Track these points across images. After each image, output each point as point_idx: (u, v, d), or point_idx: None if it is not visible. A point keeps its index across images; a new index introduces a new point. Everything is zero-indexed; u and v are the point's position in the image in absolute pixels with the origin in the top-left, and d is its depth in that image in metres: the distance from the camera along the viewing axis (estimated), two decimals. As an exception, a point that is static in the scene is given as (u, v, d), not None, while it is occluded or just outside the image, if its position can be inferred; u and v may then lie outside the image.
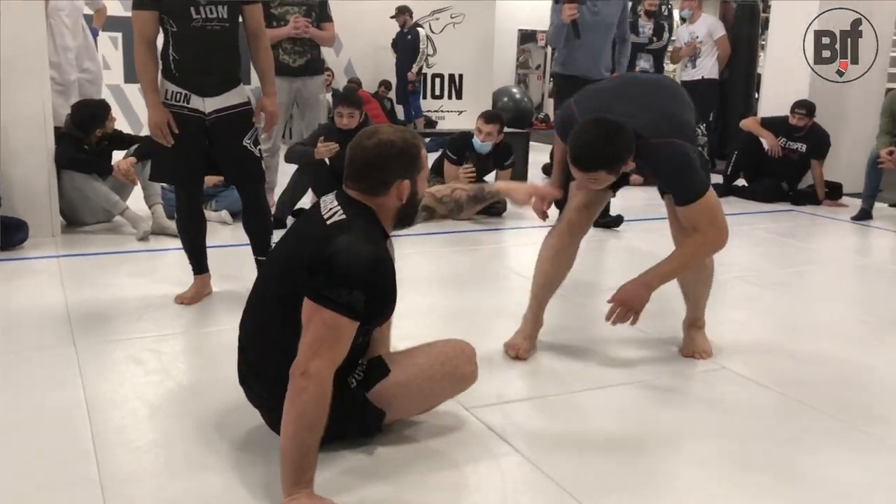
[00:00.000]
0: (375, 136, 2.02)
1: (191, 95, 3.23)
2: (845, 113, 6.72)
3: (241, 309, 2.17)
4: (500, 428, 2.30)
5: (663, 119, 2.58)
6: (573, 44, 4.91)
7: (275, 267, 2.12)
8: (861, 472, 2.14)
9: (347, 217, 1.96)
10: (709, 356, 2.95)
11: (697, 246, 2.63)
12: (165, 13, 3.17)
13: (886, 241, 5.28)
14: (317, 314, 1.85)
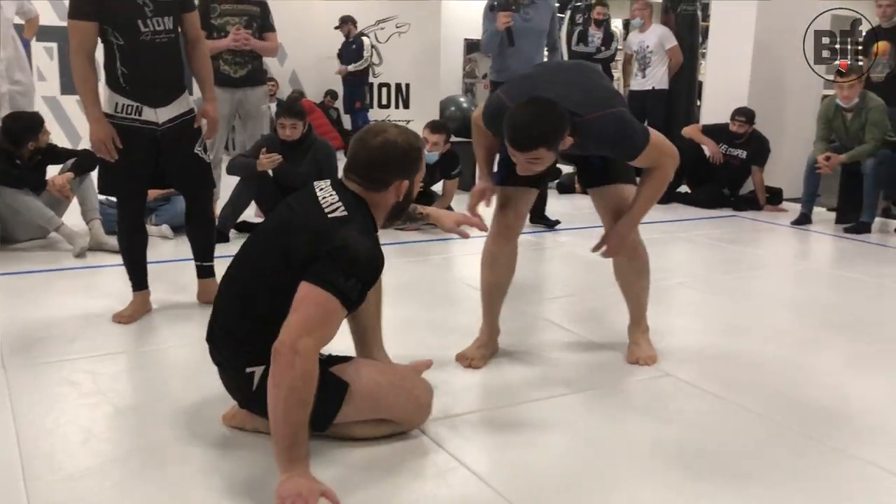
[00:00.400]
0: (382, 134, 2.14)
1: (143, 107, 3.20)
2: (784, 120, 6.88)
3: (182, 325, 2.13)
4: (446, 442, 2.27)
5: (590, 92, 2.65)
6: (507, 51, 5.05)
7: (271, 250, 2.12)
8: (804, 476, 2.16)
9: (349, 213, 2.07)
10: (654, 362, 2.97)
11: (660, 177, 2.73)
12: (110, 25, 3.10)
13: (824, 245, 5.41)
14: (312, 295, 1.95)
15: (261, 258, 2.16)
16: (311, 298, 1.95)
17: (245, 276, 2.20)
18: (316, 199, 2.13)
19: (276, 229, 2.20)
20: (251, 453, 2.19)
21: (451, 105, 12.07)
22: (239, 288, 2.20)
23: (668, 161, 2.71)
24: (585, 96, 2.62)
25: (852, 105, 5.52)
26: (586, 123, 2.56)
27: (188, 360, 2.91)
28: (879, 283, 4.25)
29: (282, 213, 2.24)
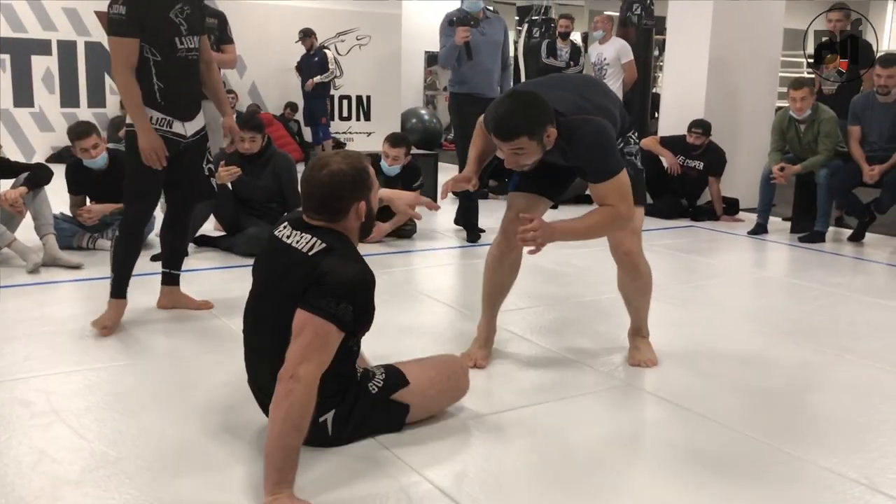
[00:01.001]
0: (327, 167, 2.20)
1: (174, 121, 3.37)
2: (739, 132, 7.00)
3: (137, 342, 2.08)
4: (409, 457, 2.26)
5: (582, 99, 2.71)
6: (466, 63, 5.18)
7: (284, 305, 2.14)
8: (764, 484, 2.19)
9: (327, 244, 2.15)
10: (653, 365, 3.06)
11: (608, 214, 2.69)
12: (149, 43, 3.24)
13: (780, 254, 5.51)
14: (309, 323, 2.05)
15: (278, 317, 2.14)
16: (309, 327, 2.04)
17: (276, 340, 2.13)
18: (287, 246, 2.20)
19: (270, 288, 2.24)
20: (212, 475, 2.16)
21: (413, 117, 12.11)
22: (274, 352, 2.14)
23: (623, 206, 2.66)
24: (577, 100, 2.69)
25: (805, 117, 5.64)
26: (568, 122, 2.61)
27: (144, 378, 2.86)
28: (833, 292, 4.34)
29: (264, 272, 2.30)
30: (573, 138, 2.63)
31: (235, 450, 2.30)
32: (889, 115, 5.42)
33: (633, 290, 3.08)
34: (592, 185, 2.71)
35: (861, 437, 2.49)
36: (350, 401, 2.27)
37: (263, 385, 2.27)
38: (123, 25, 3.20)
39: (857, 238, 5.75)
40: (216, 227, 5.21)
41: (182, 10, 3.33)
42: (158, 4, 3.26)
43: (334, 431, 2.26)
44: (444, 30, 5.28)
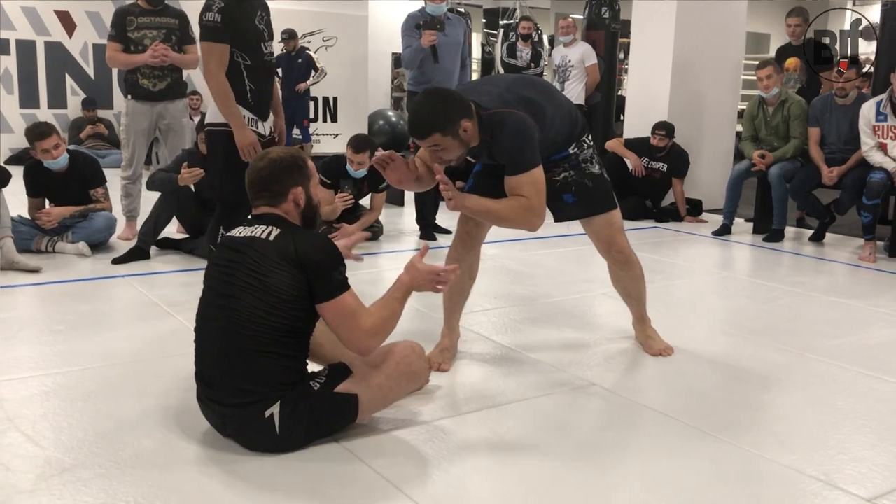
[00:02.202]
0: (266, 156, 2.38)
1: (258, 121, 3.64)
2: (702, 134, 7.08)
3: (100, 347, 2.04)
4: (372, 460, 2.24)
5: (507, 93, 2.72)
6: (431, 65, 5.24)
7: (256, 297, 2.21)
8: (724, 481, 2.21)
9: (282, 228, 2.28)
10: (671, 352, 3.22)
11: (521, 204, 2.67)
12: (240, 48, 3.50)
13: (743, 254, 5.57)
14: (339, 307, 2.24)
15: (250, 311, 2.20)
16: (341, 309, 2.24)
17: (242, 330, 2.21)
18: (245, 238, 2.29)
19: (230, 282, 2.25)
20: (169, 480, 2.13)
21: (380, 119, 12.06)
22: (239, 342, 2.21)
23: (536, 201, 2.67)
24: (502, 94, 2.69)
25: (772, 96, 5.73)
26: (490, 116, 2.63)
27: (103, 383, 2.81)
28: (795, 291, 4.40)
29: (226, 270, 2.29)
30: (494, 130, 2.65)
31: (190, 454, 2.26)
32: (847, 117, 5.51)
33: (630, 281, 3.18)
34: (507, 177, 2.69)
35: (820, 435, 2.53)
36: (294, 396, 2.23)
37: (212, 378, 2.27)
38: (218, 32, 3.44)
39: (818, 238, 5.84)
40: (179, 229, 5.15)
41: (262, 17, 3.59)
42: (247, 12, 3.51)
43: (281, 427, 2.21)
44: (408, 31, 5.32)
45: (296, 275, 2.21)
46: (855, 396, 2.86)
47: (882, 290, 4.52)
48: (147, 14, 5.03)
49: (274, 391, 2.21)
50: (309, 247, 2.24)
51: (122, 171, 5.27)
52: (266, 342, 2.20)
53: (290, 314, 2.22)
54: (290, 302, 2.21)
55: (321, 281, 2.22)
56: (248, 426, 2.24)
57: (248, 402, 2.21)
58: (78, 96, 10.10)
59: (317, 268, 2.22)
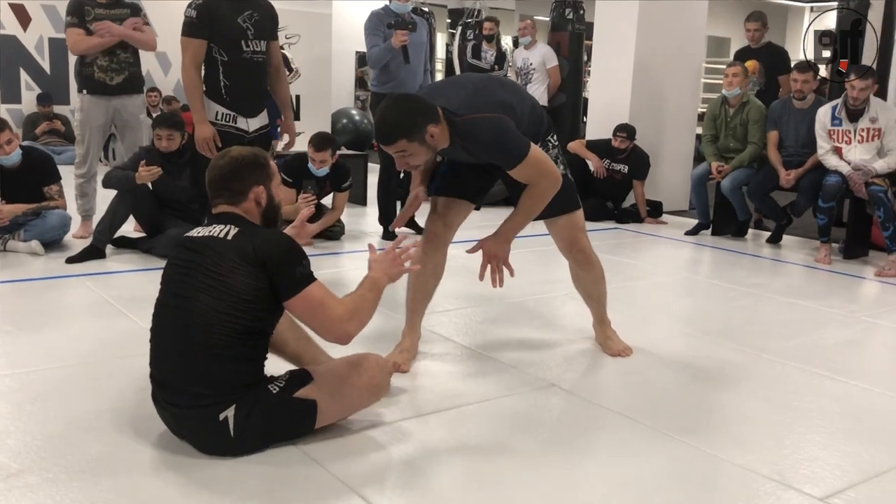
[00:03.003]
0: (227, 154, 2.36)
1: (238, 117, 3.70)
2: (663, 136, 7.15)
3: (51, 347, 1.98)
4: (329, 464, 2.22)
5: (476, 95, 2.72)
6: (401, 66, 5.25)
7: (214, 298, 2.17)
8: (682, 482, 2.22)
9: (240, 227, 2.24)
10: (630, 352, 3.24)
11: (538, 195, 2.77)
12: (218, 44, 3.58)
13: (702, 256, 5.64)
14: (305, 298, 2.20)
15: (208, 312, 2.17)
16: (309, 302, 2.21)
17: (199, 331, 2.17)
18: (203, 238, 2.25)
19: (187, 283, 2.22)
20: (120, 484, 2.08)
21: (343, 117, 12.00)
22: (194, 344, 2.18)
23: (546, 181, 2.74)
24: (469, 99, 2.69)
25: (734, 96, 5.81)
26: (462, 122, 2.63)
27: (53, 385, 2.74)
28: (752, 292, 4.46)
29: (183, 270, 2.26)
30: (472, 139, 2.66)
31: (144, 458, 2.22)
32: (805, 120, 5.60)
33: (591, 281, 3.21)
34: (511, 172, 2.73)
35: (775, 435, 2.56)
36: (250, 399, 2.19)
37: (168, 380, 2.24)
38: (193, 27, 3.55)
39: (775, 240, 5.93)
40: (136, 228, 5.05)
41: (251, 16, 3.63)
42: (227, 10, 3.55)
43: (236, 431, 2.17)
44: (373, 30, 5.29)
45: (256, 274, 2.17)
46: (809, 396, 2.90)
47: (836, 291, 4.60)
48: (101, 6, 4.94)
49: (229, 394, 2.18)
50: (268, 245, 2.20)
51: (76, 168, 5.16)
52: (223, 344, 2.16)
53: (250, 314, 2.19)
54: (250, 302, 2.18)
55: (284, 277, 2.19)
56: (203, 429, 2.20)
57: (202, 405, 2.17)
58: (33, 91, 9.89)
59: (278, 265, 2.19)
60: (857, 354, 3.54)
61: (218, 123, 3.69)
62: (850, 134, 5.24)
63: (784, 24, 17.41)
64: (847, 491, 2.19)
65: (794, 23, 17.74)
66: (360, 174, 7.33)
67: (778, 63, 6.65)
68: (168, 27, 10.01)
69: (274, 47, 3.83)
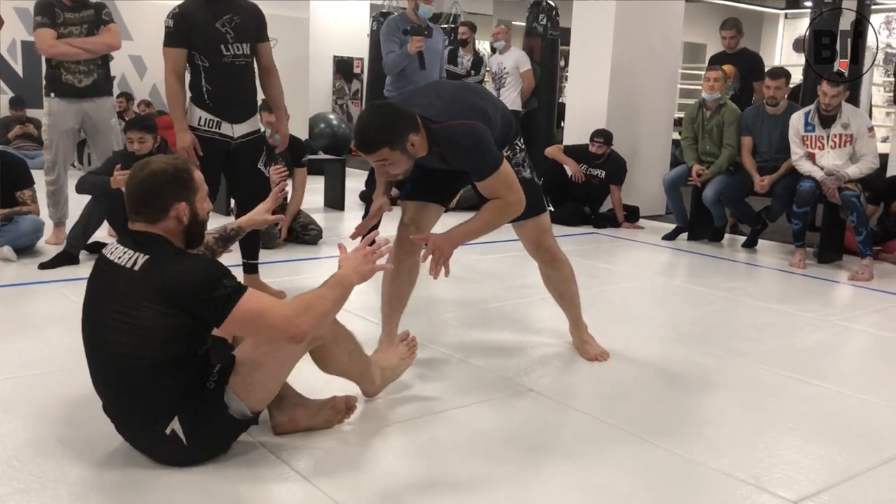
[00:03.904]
0: (147, 167, 2.18)
1: (221, 122, 3.69)
2: (639, 141, 7.20)
3: (24, 355, 1.95)
4: (304, 469, 2.21)
5: (453, 102, 2.75)
6: (417, 72, 5.21)
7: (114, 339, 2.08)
8: (656, 486, 2.23)
9: (150, 255, 2.06)
10: (607, 357, 3.25)
11: (499, 207, 2.76)
12: (197, 50, 3.60)
13: (678, 260, 5.67)
14: (237, 317, 2.03)
15: (118, 349, 2.09)
16: (242, 319, 2.04)
17: (114, 366, 2.11)
18: (112, 264, 2.12)
19: (95, 316, 2.16)
20: (98, 497, 2.05)
21: (321, 122, 11.96)
22: (114, 378, 2.14)
23: (512, 196, 2.75)
24: (445, 106, 2.71)
25: (712, 100, 5.87)
26: (439, 130, 2.65)
27: (25, 393, 2.70)
28: (727, 297, 4.49)
29: (93, 300, 2.19)
30: (448, 145, 2.68)
31: (118, 468, 2.19)
32: (778, 126, 5.66)
33: (561, 281, 3.23)
34: (478, 183, 2.75)
35: (750, 438, 2.58)
36: (192, 407, 2.12)
37: (107, 405, 2.23)
38: (171, 37, 3.59)
39: (751, 245, 5.99)
40: (110, 232, 5.00)
41: (231, 20, 3.65)
42: (205, 16, 3.58)
43: (188, 440, 2.11)
44: (390, 36, 5.29)
45: (167, 311, 2.02)
46: (783, 400, 2.93)
47: (811, 295, 4.65)
48: (70, 10, 4.87)
49: (168, 409, 2.10)
50: (178, 278, 2.03)
51: (46, 174, 5.04)
52: (142, 377, 2.07)
53: (164, 349, 2.06)
54: (161, 339, 2.05)
55: (206, 306, 2.03)
56: (156, 447, 2.15)
57: (145, 426, 2.12)
58: (5, 95, 9.77)
59: (194, 297, 2.03)
60: (831, 358, 3.58)
61: (200, 129, 3.69)
62: (823, 140, 5.30)
63: (759, 31, 17.60)
64: (821, 493, 2.21)
65: (770, 29, 17.93)
66: (339, 179, 7.31)
67: (753, 69, 6.73)
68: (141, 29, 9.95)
69: (262, 49, 3.82)
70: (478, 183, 2.74)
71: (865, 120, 5.31)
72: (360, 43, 12.85)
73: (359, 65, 13.21)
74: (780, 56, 17.21)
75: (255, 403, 2.22)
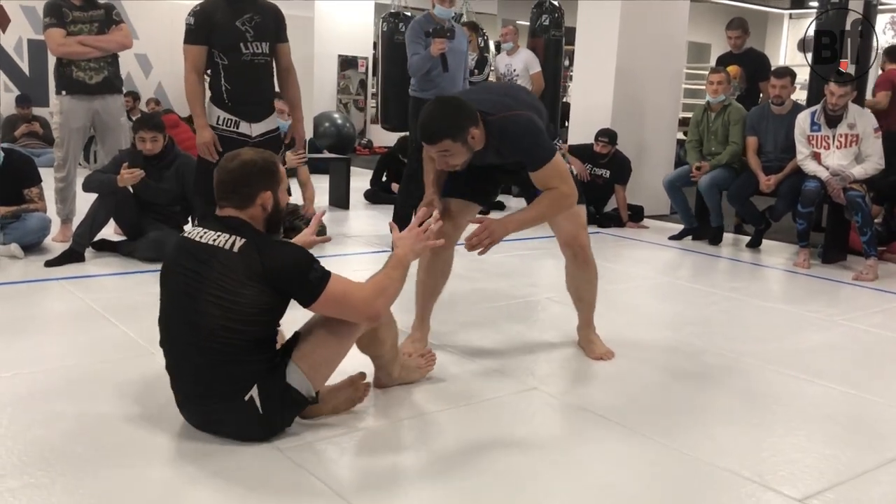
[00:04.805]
0: (238, 157, 2.35)
1: (240, 121, 3.72)
2: (644, 141, 7.20)
3: (31, 352, 1.96)
4: (311, 466, 2.22)
5: (506, 97, 2.89)
6: (439, 73, 5.21)
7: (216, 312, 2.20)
8: (662, 485, 2.24)
9: (247, 238, 2.23)
10: (612, 356, 3.27)
11: (554, 198, 2.85)
12: (217, 48, 3.62)
13: (682, 260, 5.67)
14: (327, 297, 2.24)
15: (217, 326, 2.21)
16: (331, 300, 2.25)
17: (210, 344, 2.23)
18: (206, 245, 2.25)
19: (194, 296, 2.24)
20: (101, 489, 2.07)
21: (326, 121, 11.99)
22: (208, 356, 2.24)
23: (565, 187, 2.85)
24: (500, 99, 2.86)
25: (717, 102, 5.89)
26: (495, 121, 2.76)
27: (33, 389, 2.72)
28: (731, 296, 4.49)
29: (190, 282, 2.26)
30: (505, 134, 2.78)
31: (127, 462, 2.21)
32: (783, 126, 5.66)
33: (584, 282, 3.26)
34: (532, 173, 2.82)
35: (754, 437, 2.58)
36: (269, 377, 2.27)
37: (188, 392, 2.32)
38: (193, 35, 3.63)
39: (755, 245, 5.99)
40: (116, 231, 5.02)
41: (251, 19, 3.67)
42: (226, 14, 3.61)
43: (264, 408, 2.24)
44: (414, 38, 5.28)
45: (266, 290, 2.21)
46: (788, 399, 2.94)
47: (815, 295, 4.65)
48: (78, 9, 4.90)
49: (250, 380, 2.25)
50: (277, 261, 2.22)
51: (56, 171, 5.11)
52: (235, 351, 2.22)
53: (259, 325, 2.26)
54: (258, 315, 2.23)
55: (301, 288, 2.24)
56: (233, 415, 2.27)
57: (230, 396, 2.24)
58: (12, 93, 9.81)
59: (290, 279, 2.23)
60: (836, 357, 3.58)
61: (219, 128, 3.72)
62: (828, 139, 5.30)
63: (764, 31, 17.58)
64: (826, 492, 2.22)
65: (774, 30, 17.92)
66: (343, 178, 7.32)
67: (759, 69, 6.72)
68: (147, 28, 9.98)
69: (281, 49, 3.85)
70: (533, 173, 2.82)
71: (872, 120, 5.31)
72: (365, 42, 12.87)
73: (363, 63, 13.24)
74: (784, 56, 17.20)
75: (319, 380, 2.36)
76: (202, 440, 2.33)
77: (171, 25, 10.27)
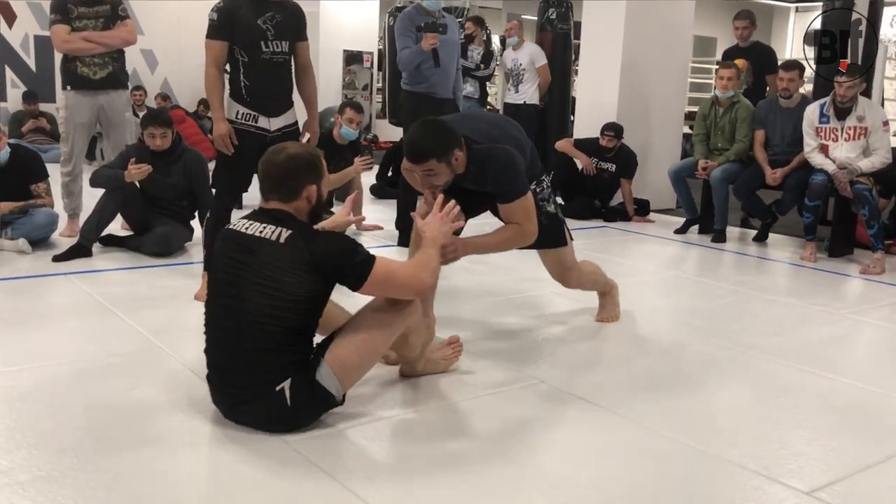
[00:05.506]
0: (284, 151, 2.43)
1: (259, 116, 3.75)
2: (650, 134, 7.19)
3: (39, 346, 1.97)
4: (317, 457, 2.23)
5: (494, 129, 3.03)
6: (431, 67, 5.13)
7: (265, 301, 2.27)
8: (663, 476, 2.24)
9: (292, 230, 2.30)
10: (615, 320, 3.56)
11: (515, 232, 3.01)
12: (238, 45, 3.67)
13: (689, 254, 5.67)
14: (375, 278, 2.32)
15: (261, 313, 2.28)
16: (378, 282, 2.34)
17: (253, 330, 2.29)
18: (251, 236, 2.32)
19: (239, 284, 2.31)
20: (110, 483, 2.08)
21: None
22: (250, 342, 2.30)
23: (529, 225, 2.99)
24: (488, 130, 2.99)
25: (726, 97, 5.86)
26: (480, 150, 2.89)
27: (41, 383, 2.73)
28: (738, 290, 4.49)
29: (235, 271, 2.33)
30: (485, 163, 2.91)
31: (137, 456, 2.22)
32: (791, 119, 5.64)
33: (588, 285, 3.61)
34: (501, 204, 2.98)
35: (761, 430, 2.58)
36: (303, 371, 2.32)
37: (223, 367, 2.36)
38: (215, 30, 3.65)
39: (761, 238, 5.98)
40: (123, 226, 5.04)
41: (273, 17, 3.71)
42: (248, 11, 3.65)
43: (292, 400, 2.28)
44: (405, 32, 5.15)
45: (314, 278, 2.29)
46: (795, 392, 2.93)
47: (822, 288, 4.64)
48: (84, 4, 4.91)
49: (286, 371, 2.30)
50: (323, 250, 2.30)
51: (62, 166, 5.13)
52: (278, 340, 2.28)
53: (304, 313, 2.32)
54: (303, 302, 2.30)
55: (348, 275, 2.32)
56: (261, 403, 2.30)
57: (265, 383, 2.29)
58: (18, 89, 9.83)
59: (337, 267, 2.31)
60: (842, 351, 3.58)
61: (237, 122, 3.74)
62: (837, 132, 5.28)
63: (770, 24, 17.51)
64: (833, 485, 2.22)
65: (780, 23, 17.84)
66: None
67: (766, 62, 6.70)
68: (153, 24, 9.99)
69: (300, 48, 3.88)
70: (501, 205, 2.97)
71: (881, 114, 5.29)
72: (370, 37, 12.85)
73: (368, 59, 13.22)
74: (790, 49, 17.12)
75: (348, 383, 2.41)
76: (209, 433, 2.35)
77: (176, 22, 10.31)
